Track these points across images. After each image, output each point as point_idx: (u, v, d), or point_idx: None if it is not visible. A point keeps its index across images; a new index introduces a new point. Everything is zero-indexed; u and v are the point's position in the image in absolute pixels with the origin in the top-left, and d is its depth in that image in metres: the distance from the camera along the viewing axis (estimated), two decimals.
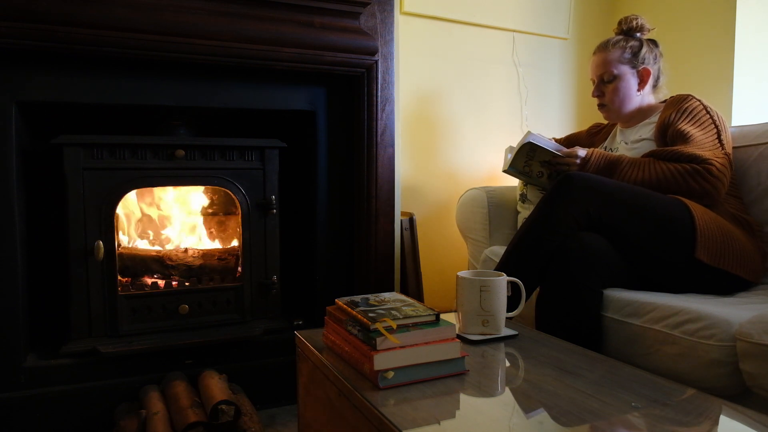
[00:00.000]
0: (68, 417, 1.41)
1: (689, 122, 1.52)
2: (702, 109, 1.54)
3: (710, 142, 1.48)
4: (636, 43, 1.68)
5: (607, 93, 1.70)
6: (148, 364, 1.49)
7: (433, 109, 2.28)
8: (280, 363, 1.62)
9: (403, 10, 2.13)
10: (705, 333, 1.11)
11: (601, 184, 1.37)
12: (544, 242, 1.35)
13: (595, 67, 1.72)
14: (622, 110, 1.70)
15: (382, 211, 1.71)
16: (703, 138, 1.48)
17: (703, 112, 1.53)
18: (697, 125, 1.51)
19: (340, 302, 1.01)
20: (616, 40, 1.69)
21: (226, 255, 1.71)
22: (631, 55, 1.66)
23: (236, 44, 1.47)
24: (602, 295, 1.32)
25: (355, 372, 0.91)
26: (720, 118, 1.53)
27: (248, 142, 1.62)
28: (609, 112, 1.73)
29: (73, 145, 1.43)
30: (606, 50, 1.69)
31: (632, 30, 1.70)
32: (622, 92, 1.68)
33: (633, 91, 1.68)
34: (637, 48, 1.67)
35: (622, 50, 1.67)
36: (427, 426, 0.73)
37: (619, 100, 1.68)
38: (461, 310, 1.12)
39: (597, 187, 1.36)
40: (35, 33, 1.29)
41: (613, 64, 1.67)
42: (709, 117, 1.52)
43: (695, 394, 0.84)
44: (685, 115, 1.53)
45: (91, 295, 1.46)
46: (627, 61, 1.67)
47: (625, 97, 1.68)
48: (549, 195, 1.39)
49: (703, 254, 1.33)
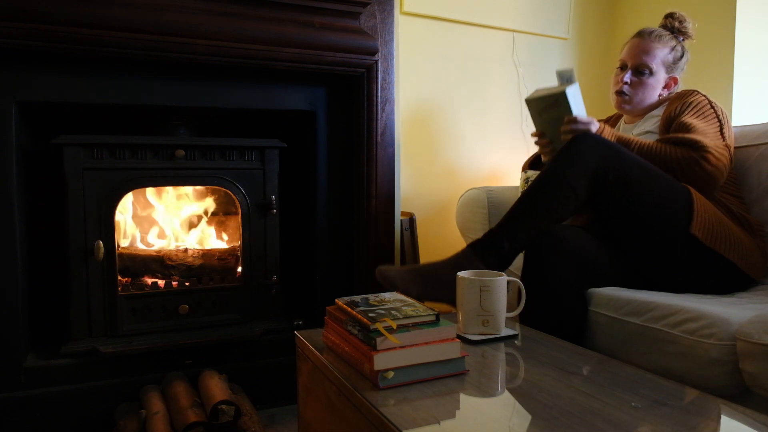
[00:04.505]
0: (68, 417, 1.41)
1: (693, 115, 1.51)
2: (707, 104, 1.53)
3: (712, 132, 1.48)
4: (680, 49, 1.64)
5: (635, 84, 1.63)
6: (148, 364, 1.49)
7: (433, 109, 2.28)
8: (280, 363, 1.62)
9: (403, 10, 2.13)
10: (705, 332, 1.10)
11: (614, 145, 1.39)
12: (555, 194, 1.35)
13: (635, 53, 1.63)
14: (640, 106, 1.66)
15: (382, 211, 1.71)
16: (705, 128, 1.48)
17: (707, 107, 1.52)
18: (700, 117, 1.50)
19: (340, 302, 1.01)
20: (666, 36, 1.63)
21: (226, 255, 1.71)
22: (672, 59, 1.62)
23: (236, 44, 1.47)
24: (584, 293, 1.32)
25: (355, 372, 0.91)
26: (723, 113, 1.53)
27: (248, 142, 1.62)
28: (627, 104, 1.67)
29: (73, 145, 1.43)
30: (653, 41, 1.61)
31: (682, 33, 1.65)
32: (649, 90, 1.63)
33: (657, 92, 1.65)
34: (679, 55, 1.64)
35: (669, 50, 1.62)
36: (427, 426, 0.73)
37: (642, 95, 1.64)
38: (461, 310, 1.12)
39: (610, 146, 1.37)
40: (35, 33, 1.29)
41: (656, 60, 1.61)
42: (713, 111, 1.51)
43: (695, 394, 0.83)
44: (690, 108, 1.52)
45: (91, 295, 1.46)
46: (667, 63, 1.62)
47: (649, 95, 1.64)
48: (565, 147, 1.38)
49: (698, 230, 1.33)
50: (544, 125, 1.59)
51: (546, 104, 1.55)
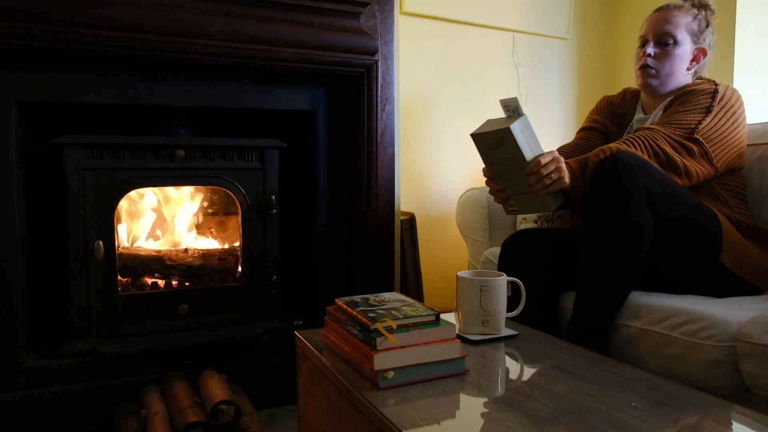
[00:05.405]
0: (68, 417, 1.41)
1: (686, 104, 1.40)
2: (708, 94, 1.40)
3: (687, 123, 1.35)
4: (704, 19, 1.51)
5: (659, 56, 1.49)
6: (148, 364, 1.49)
7: (433, 109, 2.28)
8: (280, 363, 1.62)
9: (403, 10, 2.13)
10: (704, 334, 1.10)
11: (647, 163, 1.28)
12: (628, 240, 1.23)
13: (656, 25, 1.50)
14: (668, 82, 1.51)
15: (382, 211, 1.71)
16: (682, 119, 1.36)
17: (706, 98, 1.40)
18: (688, 108, 1.39)
19: (340, 302, 1.01)
20: (685, 5, 1.52)
21: (226, 255, 1.71)
22: (697, 27, 1.49)
23: (236, 44, 1.47)
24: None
25: (355, 372, 0.91)
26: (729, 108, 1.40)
27: (248, 142, 1.62)
28: (653, 78, 1.51)
29: (73, 146, 1.43)
30: (674, 10, 1.50)
31: (702, 6, 1.53)
32: (677, 61, 1.49)
33: (684, 66, 1.50)
34: (704, 24, 1.51)
35: (692, 18, 1.49)
36: (427, 426, 0.73)
37: (670, 66, 1.49)
38: (461, 310, 1.12)
39: (645, 164, 1.26)
40: (35, 33, 1.29)
41: (678, 28, 1.48)
42: (709, 102, 1.39)
43: (695, 394, 0.83)
44: (688, 98, 1.41)
45: (91, 295, 1.46)
46: (692, 32, 1.49)
47: (676, 67, 1.49)
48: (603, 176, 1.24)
49: (726, 259, 1.28)
50: (494, 167, 1.35)
51: (491, 142, 1.28)
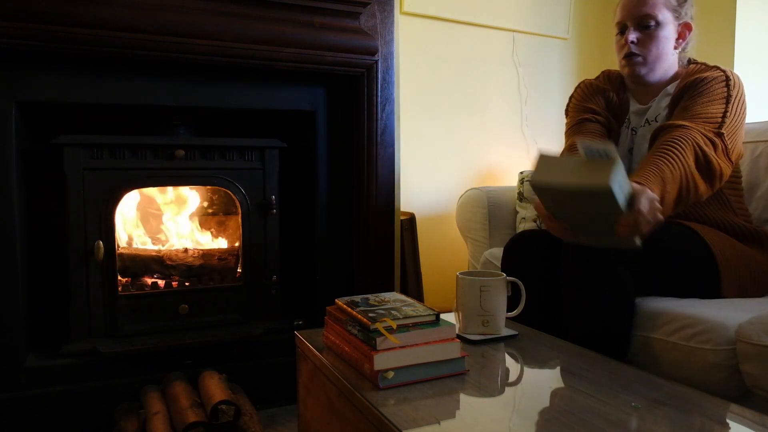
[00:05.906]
0: (68, 417, 1.41)
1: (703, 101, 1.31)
2: (722, 82, 1.32)
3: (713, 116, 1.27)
4: None
5: (643, 41, 1.38)
6: (148, 364, 1.49)
7: (433, 109, 2.28)
8: (280, 363, 1.62)
9: (403, 10, 2.13)
10: (702, 338, 1.10)
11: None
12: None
13: (632, 8, 1.39)
14: (657, 67, 1.41)
15: (382, 211, 1.71)
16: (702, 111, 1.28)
17: (722, 86, 1.32)
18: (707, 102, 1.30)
19: (340, 302, 1.01)
20: None
21: (226, 255, 1.71)
22: (676, 2, 1.39)
23: (236, 44, 1.47)
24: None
25: (355, 372, 0.91)
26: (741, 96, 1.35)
27: (248, 142, 1.62)
28: (641, 66, 1.40)
29: (73, 146, 1.43)
30: None
31: None
32: (663, 43, 1.38)
33: (671, 46, 1.40)
34: None
35: None
36: (427, 426, 0.73)
37: (657, 50, 1.38)
38: (461, 310, 1.12)
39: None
40: (35, 33, 1.29)
41: (657, 7, 1.37)
42: (726, 91, 1.31)
43: (695, 394, 0.83)
44: (700, 90, 1.32)
45: (91, 295, 1.46)
46: (672, 8, 1.39)
47: (663, 50, 1.39)
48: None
49: (730, 292, 1.25)
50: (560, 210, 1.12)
51: (568, 193, 1.04)
